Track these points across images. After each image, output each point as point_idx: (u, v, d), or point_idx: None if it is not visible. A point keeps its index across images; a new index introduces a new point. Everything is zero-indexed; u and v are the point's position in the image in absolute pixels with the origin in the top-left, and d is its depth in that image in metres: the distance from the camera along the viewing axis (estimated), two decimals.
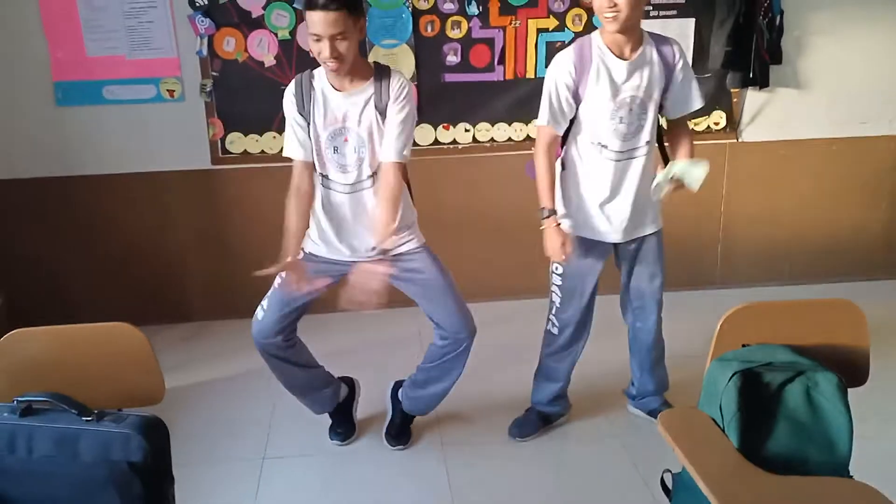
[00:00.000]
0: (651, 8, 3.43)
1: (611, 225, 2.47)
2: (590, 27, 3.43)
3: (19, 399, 1.56)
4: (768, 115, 3.71)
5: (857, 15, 3.59)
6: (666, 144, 2.54)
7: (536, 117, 3.45)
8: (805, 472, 1.64)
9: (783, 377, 1.70)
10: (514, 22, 3.41)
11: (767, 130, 3.73)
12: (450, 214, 3.63)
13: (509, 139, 3.58)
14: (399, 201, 2.29)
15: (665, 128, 2.52)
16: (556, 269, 2.57)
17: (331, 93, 2.27)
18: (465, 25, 3.40)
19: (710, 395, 1.75)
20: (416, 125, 3.43)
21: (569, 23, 3.43)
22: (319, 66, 2.25)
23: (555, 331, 2.64)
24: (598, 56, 2.31)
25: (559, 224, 2.42)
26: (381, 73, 2.28)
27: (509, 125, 3.55)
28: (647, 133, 2.39)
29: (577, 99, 2.35)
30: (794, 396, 1.70)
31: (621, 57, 2.31)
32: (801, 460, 1.65)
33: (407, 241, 2.41)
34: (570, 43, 3.36)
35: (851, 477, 1.66)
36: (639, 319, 2.67)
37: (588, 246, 2.51)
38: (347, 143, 2.28)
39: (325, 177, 2.35)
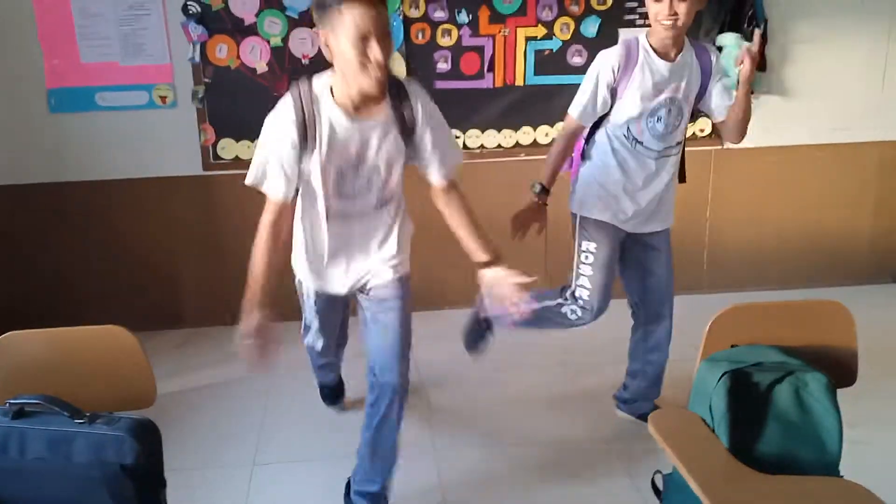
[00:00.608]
0: (637, 17, 3.47)
1: (630, 214, 2.53)
2: (577, 36, 3.47)
3: (11, 401, 1.56)
4: (753, 122, 3.68)
5: (839, 24, 3.64)
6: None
7: (525, 124, 3.58)
8: (795, 471, 1.66)
9: (772, 377, 1.72)
10: (503, 30, 3.44)
11: (752, 137, 3.70)
12: (440, 221, 3.64)
13: (499, 146, 3.60)
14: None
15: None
16: (587, 258, 2.56)
17: (341, 120, 1.88)
18: (455, 33, 3.42)
19: (700, 395, 1.76)
20: None
21: (557, 31, 3.47)
22: (311, 77, 1.91)
23: (573, 317, 2.59)
24: (643, 56, 2.38)
25: (545, 205, 2.51)
26: (396, 88, 1.93)
27: (499, 132, 3.58)
28: (680, 134, 2.48)
29: (614, 95, 2.42)
30: (784, 396, 1.71)
31: (666, 59, 2.38)
32: (791, 460, 1.67)
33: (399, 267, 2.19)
34: (558, 51, 3.47)
35: (842, 476, 1.68)
36: (653, 324, 2.67)
37: (611, 230, 2.54)
38: (359, 171, 1.98)
39: (328, 203, 2.01)
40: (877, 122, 3.82)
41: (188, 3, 3.28)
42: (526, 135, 3.60)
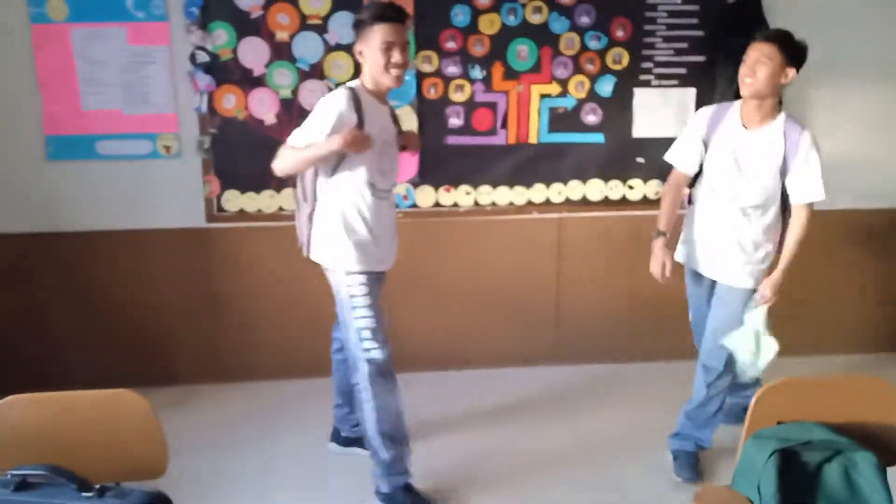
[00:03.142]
0: (653, 77, 3.46)
1: (706, 263, 2.72)
2: (592, 94, 3.45)
3: (13, 472, 1.45)
4: None
5: (850, 90, 3.62)
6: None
7: (538, 181, 3.54)
8: None
9: (821, 457, 1.66)
10: (517, 87, 3.42)
11: None
12: (450, 277, 3.58)
13: (510, 203, 3.55)
14: None
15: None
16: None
17: (375, 104, 2.46)
18: (468, 89, 3.40)
19: (747, 473, 1.68)
20: (418, 186, 3.43)
21: (571, 89, 3.45)
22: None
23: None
24: (729, 118, 2.63)
25: (665, 246, 2.66)
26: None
27: (511, 189, 3.53)
28: (755, 196, 2.58)
29: (705, 147, 2.66)
30: (833, 476, 1.66)
31: (748, 126, 2.58)
32: None
33: None
34: (572, 109, 3.46)
35: None
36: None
37: (694, 276, 2.84)
38: (390, 149, 2.53)
39: (373, 185, 2.46)
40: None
41: (196, 52, 3.23)
42: (538, 192, 3.55)
